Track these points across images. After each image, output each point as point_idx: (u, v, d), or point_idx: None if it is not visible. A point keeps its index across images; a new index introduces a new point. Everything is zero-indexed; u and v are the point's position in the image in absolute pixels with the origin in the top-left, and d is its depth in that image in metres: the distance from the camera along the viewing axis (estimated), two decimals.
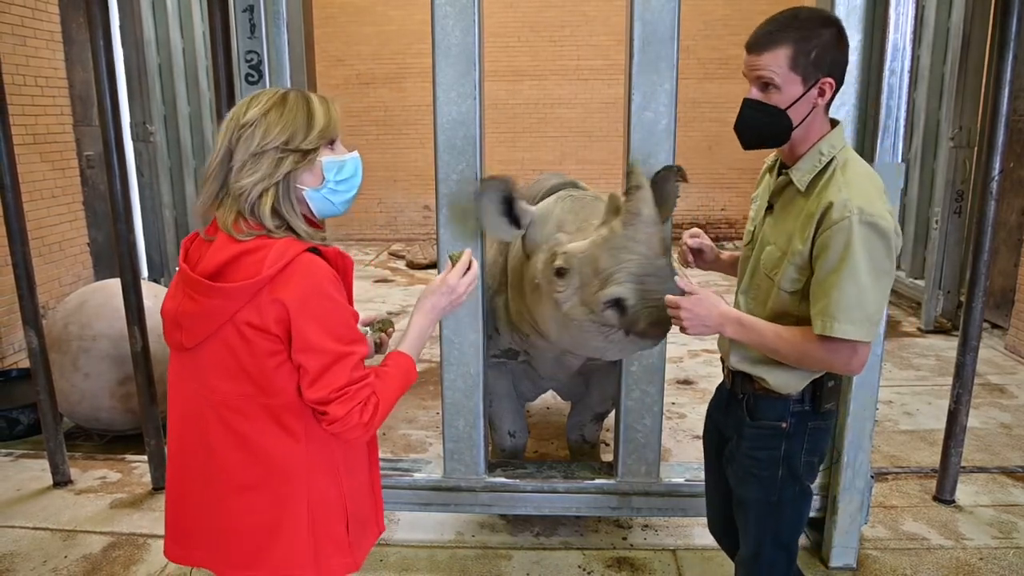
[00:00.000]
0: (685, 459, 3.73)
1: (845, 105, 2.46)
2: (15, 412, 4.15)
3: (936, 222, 5.96)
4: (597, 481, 2.78)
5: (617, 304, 1.95)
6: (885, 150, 2.42)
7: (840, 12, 2.37)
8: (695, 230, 2.04)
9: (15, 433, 4.15)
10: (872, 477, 2.75)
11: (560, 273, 2.12)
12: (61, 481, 3.47)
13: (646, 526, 3.03)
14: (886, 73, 2.37)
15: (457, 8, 2.39)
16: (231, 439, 1.42)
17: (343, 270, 1.46)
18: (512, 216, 2.34)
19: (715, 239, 10.55)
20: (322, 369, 1.34)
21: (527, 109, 10.43)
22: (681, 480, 2.77)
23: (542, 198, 2.59)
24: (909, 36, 2.36)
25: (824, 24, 1.62)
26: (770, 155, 1.90)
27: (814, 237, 1.60)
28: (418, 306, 1.58)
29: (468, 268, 1.62)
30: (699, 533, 2.97)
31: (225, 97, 2.74)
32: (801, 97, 1.62)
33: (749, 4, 9.75)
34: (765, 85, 1.64)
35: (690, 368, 5.20)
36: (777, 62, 1.60)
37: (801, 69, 1.60)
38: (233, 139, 1.36)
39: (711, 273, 8.73)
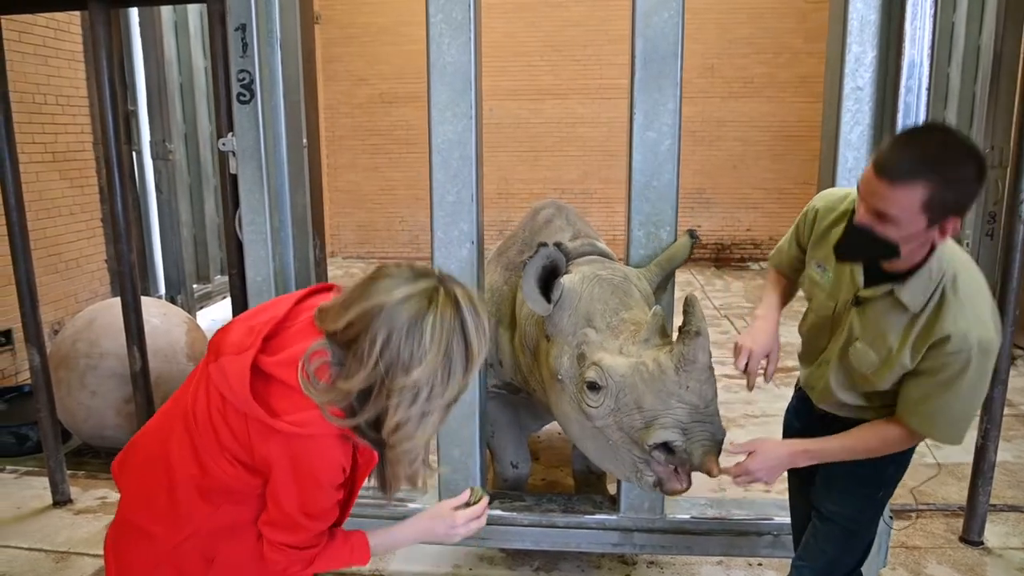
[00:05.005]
0: (696, 492, 3.57)
1: (860, 125, 2.34)
2: (24, 428, 4.14)
3: (967, 245, 5.74)
4: (598, 516, 2.66)
5: (664, 445, 1.91)
6: None
7: (852, 26, 2.27)
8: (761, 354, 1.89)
9: (24, 449, 4.14)
10: (891, 517, 2.59)
11: (593, 387, 2.01)
12: (61, 500, 3.45)
13: (651, 563, 2.89)
14: (902, 91, 2.24)
15: (452, 26, 2.33)
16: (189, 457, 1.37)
17: (363, 465, 1.42)
18: (547, 286, 2.16)
19: (740, 259, 10.36)
20: (279, 520, 1.35)
21: (549, 128, 10.38)
22: (687, 516, 2.64)
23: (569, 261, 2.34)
24: (927, 52, 2.23)
25: (968, 157, 1.43)
26: (825, 198, 1.82)
27: (925, 354, 1.60)
28: (418, 518, 1.56)
29: (479, 516, 1.56)
30: (707, 572, 2.83)
31: (225, 116, 2.70)
32: (920, 233, 1.49)
33: (773, 22, 9.63)
34: (882, 215, 1.48)
35: None
36: (909, 200, 1.43)
37: (931, 211, 1.44)
38: (394, 388, 1.25)
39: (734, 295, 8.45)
